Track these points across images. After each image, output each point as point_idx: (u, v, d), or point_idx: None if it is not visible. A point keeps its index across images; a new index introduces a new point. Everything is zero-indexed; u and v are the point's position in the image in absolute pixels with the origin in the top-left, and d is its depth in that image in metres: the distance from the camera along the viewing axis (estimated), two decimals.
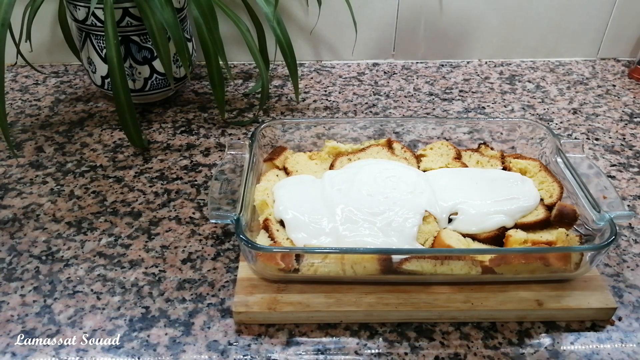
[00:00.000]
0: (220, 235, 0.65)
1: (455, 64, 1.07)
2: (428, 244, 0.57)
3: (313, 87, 0.99)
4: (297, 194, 0.62)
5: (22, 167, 0.77)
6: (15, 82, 1.00)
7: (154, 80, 0.87)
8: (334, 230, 0.57)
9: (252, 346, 0.52)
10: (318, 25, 1.02)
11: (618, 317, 0.55)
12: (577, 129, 0.87)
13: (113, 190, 0.73)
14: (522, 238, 0.56)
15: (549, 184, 0.64)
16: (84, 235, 0.65)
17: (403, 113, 0.91)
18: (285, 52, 0.84)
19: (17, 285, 0.59)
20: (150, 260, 0.62)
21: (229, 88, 0.98)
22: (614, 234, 0.53)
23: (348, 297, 0.55)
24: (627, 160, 0.79)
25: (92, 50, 0.84)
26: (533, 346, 0.53)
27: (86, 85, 0.99)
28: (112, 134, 0.85)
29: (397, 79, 1.02)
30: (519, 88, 0.99)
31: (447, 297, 0.55)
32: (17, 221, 0.67)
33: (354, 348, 0.53)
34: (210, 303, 0.57)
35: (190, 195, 0.72)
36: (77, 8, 0.80)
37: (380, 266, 0.54)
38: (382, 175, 0.63)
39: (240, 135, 0.85)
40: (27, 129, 0.86)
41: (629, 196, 0.72)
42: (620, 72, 1.04)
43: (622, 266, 0.61)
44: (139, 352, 0.52)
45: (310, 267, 0.54)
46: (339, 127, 0.74)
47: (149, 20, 0.73)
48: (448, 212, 0.60)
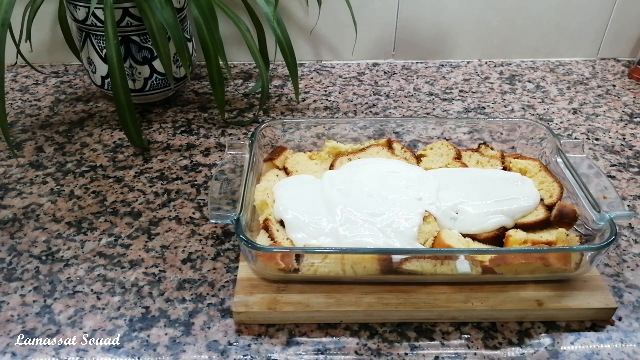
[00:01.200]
0: (220, 235, 0.65)
1: (455, 64, 1.07)
2: (428, 244, 0.57)
3: (313, 87, 0.99)
4: (297, 194, 0.62)
5: (22, 167, 0.77)
6: (15, 82, 1.00)
7: (154, 80, 0.87)
8: (334, 231, 0.57)
9: (252, 346, 0.52)
10: (318, 25, 1.02)
11: (618, 317, 0.55)
12: (577, 129, 0.87)
13: (113, 190, 0.73)
14: (522, 238, 0.56)
15: (549, 184, 0.64)
16: (84, 235, 0.65)
17: (403, 113, 0.91)
18: (285, 52, 0.84)
19: (17, 285, 0.59)
20: (150, 260, 0.62)
21: (229, 88, 0.98)
22: (614, 234, 0.53)
23: (348, 297, 0.55)
24: (627, 160, 0.79)
25: (92, 50, 0.84)
26: (533, 346, 0.53)
27: (86, 85, 0.99)
28: (112, 134, 0.85)
29: (397, 79, 1.02)
30: (519, 88, 0.99)
31: (447, 297, 0.55)
32: (17, 221, 0.67)
33: (354, 348, 0.52)
34: (210, 303, 0.57)
35: (190, 195, 0.72)
36: (77, 8, 0.80)
37: (380, 266, 0.54)
38: (382, 174, 0.63)
39: (240, 135, 0.85)
40: (27, 129, 0.86)
41: (629, 196, 0.72)
42: (620, 72, 1.04)
43: (622, 266, 0.61)
44: (139, 352, 0.52)
45: (310, 267, 0.54)
46: (339, 127, 0.74)
47: (149, 20, 0.73)
48: (448, 212, 0.60)
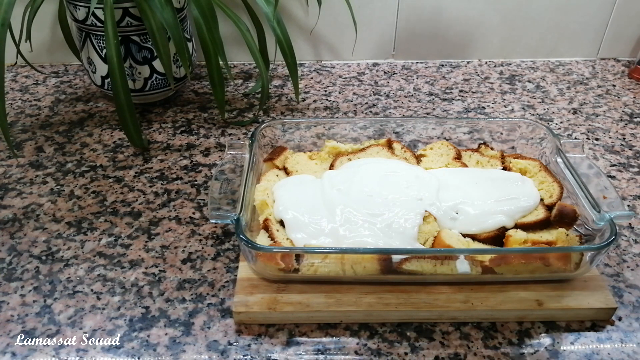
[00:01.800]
0: (220, 235, 0.65)
1: (455, 64, 1.07)
2: (428, 244, 0.57)
3: (313, 87, 0.99)
4: (297, 194, 0.62)
5: (22, 167, 0.77)
6: (15, 82, 1.00)
7: (154, 80, 0.87)
8: (334, 231, 0.57)
9: (252, 346, 0.52)
10: (318, 25, 1.02)
11: (618, 317, 0.55)
12: (577, 129, 0.87)
13: (113, 190, 0.73)
14: (522, 238, 0.56)
15: (549, 184, 0.64)
16: (84, 235, 0.65)
17: (403, 113, 0.91)
18: (285, 52, 0.84)
19: (17, 285, 0.59)
20: (150, 260, 0.62)
21: (229, 88, 0.98)
22: (614, 234, 0.53)
23: (348, 297, 0.55)
24: (627, 160, 0.79)
25: (92, 50, 0.84)
26: (533, 346, 0.53)
27: (86, 85, 0.99)
28: (112, 134, 0.85)
29: (397, 79, 1.02)
30: (519, 88, 0.99)
31: (447, 297, 0.55)
32: (17, 221, 0.67)
33: (354, 348, 0.52)
34: (210, 303, 0.57)
35: (190, 195, 0.72)
36: (77, 8, 0.80)
37: (380, 266, 0.54)
38: (382, 174, 0.63)
39: (240, 135, 0.85)
40: (27, 129, 0.86)
41: (629, 196, 0.72)
42: (620, 72, 1.04)
43: (622, 266, 0.61)
44: (139, 352, 0.52)
45: (310, 267, 0.54)
46: (339, 127, 0.74)
47: (149, 20, 0.73)
48: (448, 212, 0.60)
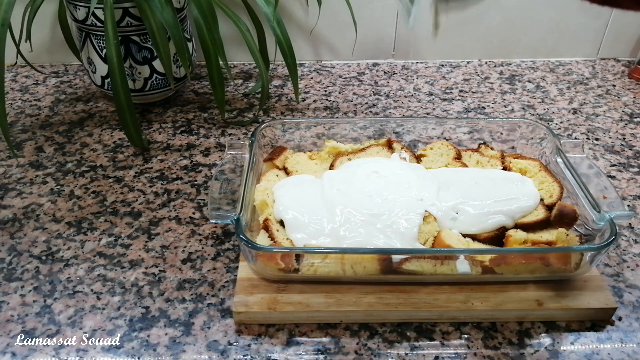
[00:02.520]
0: (220, 235, 0.65)
1: (455, 64, 1.07)
2: (428, 244, 0.57)
3: (313, 87, 0.99)
4: (297, 194, 0.62)
5: (22, 167, 0.77)
6: (15, 82, 1.00)
7: (154, 80, 0.87)
8: (334, 231, 0.57)
9: (252, 346, 0.52)
10: (318, 25, 1.02)
11: (618, 317, 0.55)
12: (577, 129, 0.87)
13: (113, 190, 0.73)
14: (522, 238, 0.56)
15: (549, 184, 0.64)
16: (84, 235, 0.65)
17: (403, 113, 0.91)
18: (285, 52, 0.84)
19: (17, 285, 0.59)
20: (150, 260, 0.62)
21: (229, 88, 0.98)
22: (614, 234, 0.53)
23: (348, 297, 0.55)
24: (627, 160, 0.79)
25: (92, 50, 0.84)
26: (533, 346, 0.53)
27: (86, 85, 0.99)
28: (112, 134, 0.85)
29: (397, 79, 1.02)
30: (519, 88, 0.99)
31: (447, 297, 0.55)
32: (17, 221, 0.67)
33: (354, 348, 0.52)
34: (210, 303, 0.57)
35: (190, 195, 0.72)
36: (77, 8, 0.80)
37: (380, 266, 0.54)
38: (381, 174, 0.63)
39: (240, 135, 0.85)
40: (27, 129, 0.86)
41: (629, 196, 0.72)
42: (620, 72, 1.04)
43: (622, 266, 0.61)
44: (139, 352, 0.52)
45: (310, 267, 0.54)
46: (339, 127, 0.74)
47: (149, 20, 0.73)
48: (448, 212, 0.60)
